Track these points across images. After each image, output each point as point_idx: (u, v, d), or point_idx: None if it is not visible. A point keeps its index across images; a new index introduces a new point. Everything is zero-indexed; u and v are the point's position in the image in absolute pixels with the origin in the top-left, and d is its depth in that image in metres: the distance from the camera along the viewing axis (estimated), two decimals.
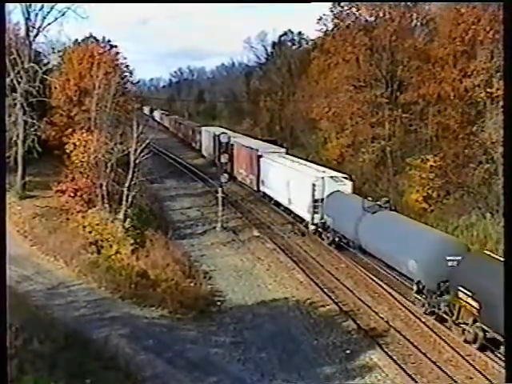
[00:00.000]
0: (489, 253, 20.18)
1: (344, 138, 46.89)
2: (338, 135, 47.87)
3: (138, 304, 22.08)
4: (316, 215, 31.34)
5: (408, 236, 22.92)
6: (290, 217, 35.50)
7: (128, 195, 28.62)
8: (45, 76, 37.48)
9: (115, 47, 50.09)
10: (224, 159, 36.43)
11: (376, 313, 22.33)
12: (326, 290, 24.54)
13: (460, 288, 19.02)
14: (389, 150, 42.47)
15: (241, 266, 27.92)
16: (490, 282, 16.74)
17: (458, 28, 38.10)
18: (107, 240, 27.25)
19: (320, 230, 31.47)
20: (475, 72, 37.12)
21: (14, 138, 35.10)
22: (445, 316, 20.59)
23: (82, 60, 40.24)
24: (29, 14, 35.48)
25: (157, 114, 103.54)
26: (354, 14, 45.31)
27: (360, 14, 45.03)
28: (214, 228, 33.69)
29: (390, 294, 23.79)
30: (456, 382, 17.29)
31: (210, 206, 38.86)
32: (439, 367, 18.01)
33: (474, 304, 18.36)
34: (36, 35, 36.24)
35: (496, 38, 35.38)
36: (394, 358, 18.70)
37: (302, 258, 28.97)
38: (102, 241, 27.31)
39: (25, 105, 35.67)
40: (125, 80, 46.38)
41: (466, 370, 17.89)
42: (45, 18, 35.55)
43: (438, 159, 35.70)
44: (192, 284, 24.61)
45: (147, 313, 21.57)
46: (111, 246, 26.88)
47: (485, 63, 36.64)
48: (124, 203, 28.60)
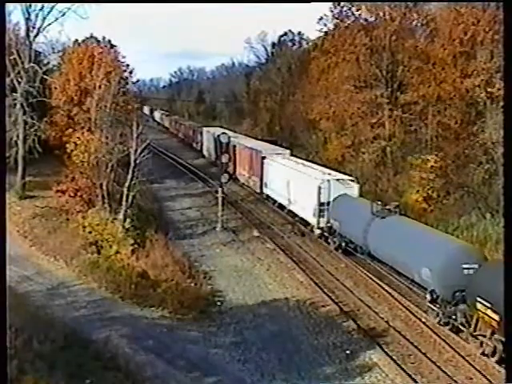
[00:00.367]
0: None
1: (344, 138, 46.89)
2: (338, 135, 47.85)
3: (138, 304, 22.11)
4: (322, 219, 30.58)
5: (421, 242, 22.04)
6: (295, 220, 34.65)
7: (128, 195, 28.61)
8: (45, 76, 37.52)
9: (115, 47, 50.12)
10: (224, 159, 36.46)
11: (376, 313, 22.33)
12: (326, 290, 24.53)
13: (478, 299, 18.12)
14: (389, 150, 42.52)
15: (241, 266, 27.89)
16: None
17: (457, 28, 38.15)
18: (107, 240, 27.24)
19: (326, 234, 30.70)
20: (475, 72, 37.19)
21: (14, 138, 35.15)
22: (461, 327, 19.78)
23: (83, 60, 40.14)
24: (29, 14, 35.54)
25: (157, 115, 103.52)
26: (353, 14, 45.38)
27: (360, 15, 45.09)
28: (214, 228, 33.66)
29: (390, 295, 23.80)
30: (456, 382, 17.29)
31: (210, 206, 38.83)
32: (439, 367, 18.00)
33: (494, 316, 17.41)
34: (36, 35, 36.27)
35: (496, 38, 35.46)
36: (394, 358, 18.69)
37: (302, 258, 28.95)
38: (101, 241, 27.31)
39: (25, 105, 35.69)
40: (125, 80, 46.30)
41: (466, 370, 17.89)
42: (45, 18, 35.64)
43: (438, 159, 35.66)
44: (192, 284, 24.59)
45: (147, 313, 21.59)
46: (111, 247, 26.88)
47: (485, 63, 36.71)
48: (124, 203, 28.58)
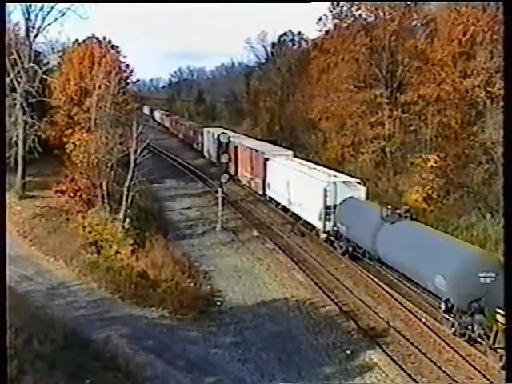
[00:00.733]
0: None
1: (344, 137, 46.90)
2: (338, 135, 47.86)
3: (138, 304, 22.11)
4: (328, 223, 29.61)
5: (434, 249, 21.01)
6: (299, 223, 33.86)
7: (128, 195, 28.60)
8: (44, 76, 37.53)
9: (116, 47, 50.09)
10: (224, 159, 36.40)
11: (376, 313, 22.31)
12: (325, 290, 24.51)
13: (498, 310, 17.12)
14: (388, 150, 42.54)
15: (241, 266, 27.87)
16: None
17: (457, 28, 38.18)
18: (107, 240, 27.24)
19: (332, 238, 29.70)
20: (475, 72, 37.21)
21: (14, 139, 35.18)
22: (479, 339, 18.84)
23: (83, 60, 40.20)
24: (29, 14, 35.60)
25: (157, 115, 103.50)
26: (353, 14, 45.42)
27: (360, 15, 45.13)
28: (214, 228, 33.64)
29: (390, 295, 23.78)
30: (456, 383, 17.29)
31: (210, 206, 38.80)
32: (439, 367, 17.99)
33: None
34: (36, 35, 36.34)
35: (495, 38, 35.48)
36: (394, 358, 18.68)
37: (302, 258, 28.93)
38: (101, 241, 27.31)
39: (25, 105, 35.72)
40: (125, 80, 46.29)
41: (466, 370, 17.87)
42: (45, 18, 35.71)
43: (438, 159, 35.64)
44: (192, 284, 24.56)
45: (147, 313, 21.58)
46: (111, 247, 26.88)
47: (484, 63, 36.74)
48: (124, 203, 28.57)
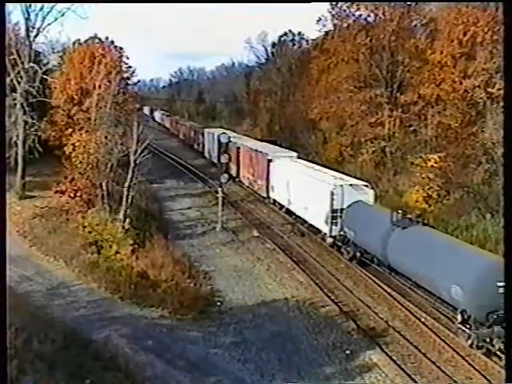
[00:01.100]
0: None
1: (344, 137, 46.90)
2: (338, 135, 47.86)
3: (138, 304, 22.12)
4: (334, 227, 28.73)
5: (449, 257, 20.16)
6: (305, 226, 32.96)
7: (128, 195, 28.62)
8: (45, 76, 37.55)
9: (116, 47, 50.09)
10: (224, 159, 36.42)
11: (376, 313, 22.32)
12: (325, 291, 24.52)
13: None
14: (389, 150, 42.53)
15: (241, 267, 27.88)
16: None
17: (457, 28, 38.16)
18: (107, 240, 27.25)
19: (339, 243, 28.84)
20: (475, 72, 37.19)
21: (14, 139, 35.21)
22: (499, 353, 18.04)
23: (83, 60, 40.20)
24: (29, 14, 35.65)
25: (157, 115, 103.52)
26: (353, 14, 45.41)
27: (360, 15, 45.14)
28: (214, 228, 33.65)
29: (390, 295, 23.78)
30: (456, 382, 17.29)
31: (210, 206, 38.82)
32: (439, 367, 18.00)
33: None
34: (36, 35, 36.38)
35: (495, 38, 35.47)
36: (394, 358, 18.69)
37: (302, 259, 28.93)
38: (101, 241, 27.32)
39: (25, 105, 35.76)
40: (125, 80, 46.32)
41: (465, 370, 17.88)
42: (45, 18, 35.76)
43: (438, 159, 35.62)
44: (192, 284, 24.55)
45: (147, 313, 21.59)
46: (111, 247, 26.89)
47: (484, 64, 36.72)
48: (124, 203, 28.59)
